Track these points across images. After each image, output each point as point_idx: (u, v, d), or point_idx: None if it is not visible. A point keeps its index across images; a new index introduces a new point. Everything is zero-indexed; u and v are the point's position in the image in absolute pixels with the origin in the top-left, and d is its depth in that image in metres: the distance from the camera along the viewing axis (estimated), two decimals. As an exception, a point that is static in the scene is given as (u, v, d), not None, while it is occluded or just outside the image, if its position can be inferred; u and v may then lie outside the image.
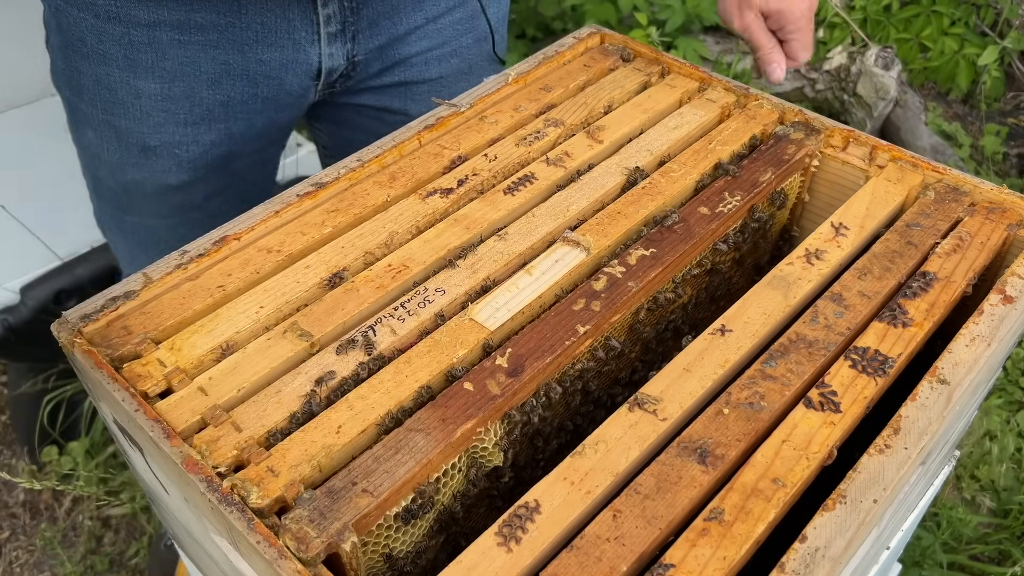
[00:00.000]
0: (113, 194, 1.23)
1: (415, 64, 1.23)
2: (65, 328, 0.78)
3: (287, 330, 0.79)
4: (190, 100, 1.11)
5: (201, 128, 1.14)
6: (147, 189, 1.19)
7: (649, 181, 0.94)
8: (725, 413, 0.71)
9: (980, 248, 0.87)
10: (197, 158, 1.17)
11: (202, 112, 1.13)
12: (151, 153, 1.15)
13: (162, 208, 1.23)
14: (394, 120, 1.27)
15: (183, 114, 1.12)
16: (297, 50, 1.11)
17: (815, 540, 0.63)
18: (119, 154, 1.16)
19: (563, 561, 0.62)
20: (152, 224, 1.26)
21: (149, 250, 1.28)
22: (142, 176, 1.18)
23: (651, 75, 1.11)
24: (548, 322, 0.79)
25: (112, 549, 1.90)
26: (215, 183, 1.22)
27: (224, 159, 1.19)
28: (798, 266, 0.86)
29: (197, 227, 1.25)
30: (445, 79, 1.27)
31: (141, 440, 0.74)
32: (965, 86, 2.90)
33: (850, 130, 0.99)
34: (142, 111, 1.11)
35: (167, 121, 1.12)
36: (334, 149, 1.40)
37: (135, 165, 1.17)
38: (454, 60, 1.26)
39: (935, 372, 0.75)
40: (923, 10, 2.87)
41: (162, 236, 1.27)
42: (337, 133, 1.36)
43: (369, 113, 1.28)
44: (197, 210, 1.24)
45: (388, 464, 0.67)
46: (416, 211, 0.91)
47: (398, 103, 1.26)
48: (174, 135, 1.13)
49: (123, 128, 1.13)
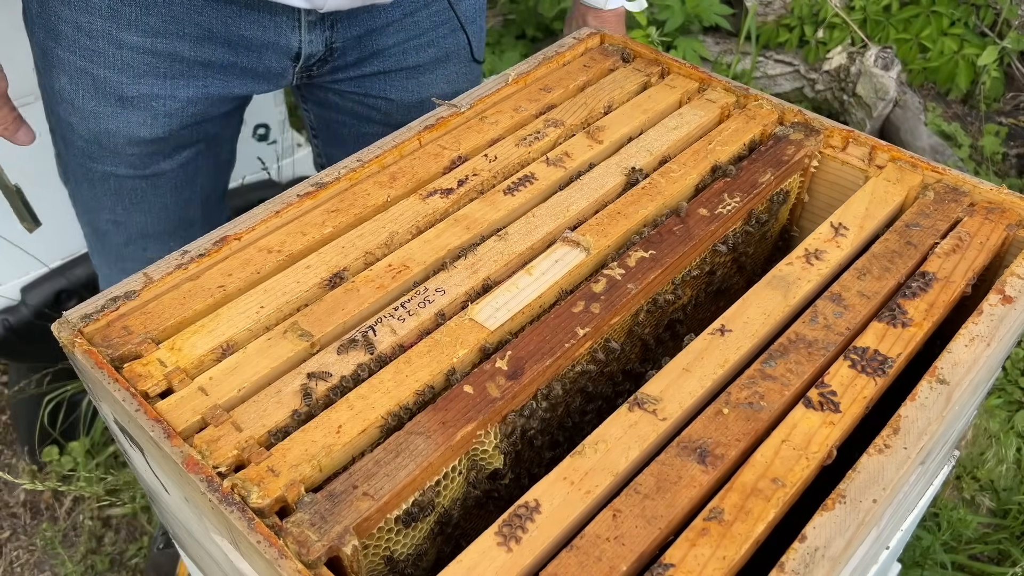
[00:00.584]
0: (84, 142, 1.23)
1: (392, 54, 1.26)
2: (66, 328, 0.78)
3: (287, 330, 0.79)
4: (171, 56, 1.12)
5: (180, 83, 1.15)
6: (119, 139, 1.20)
7: (649, 181, 0.94)
8: (725, 413, 0.72)
9: (979, 248, 0.87)
10: (172, 112, 1.18)
11: (183, 68, 1.14)
12: (127, 103, 1.16)
13: (132, 159, 1.23)
14: (376, 103, 1.32)
15: (163, 68, 1.13)
16: (278, 33, 1.14)
17: (815, 540, 0.63)
18: (94, 102, 1.17)
19: (563, 561, 0.62)
20: (121, 174, 1.26)
21: (117, 200, 1.29)
22: (115, 126, 1.19)
23: (651, 75, 1.11)
24: (548, 324, 0.79)
25: (112, 549, 1.90)
26: (185, 138, 1.24)
27: (197, 117, 1.21)
28: (797, 266, 0.86)
29: (163, 179, 1.26)
30: (423, 67, 1.30)
31: (141, 440, 0.74)
32: (964, 86, 2.90)
33: (849, 130, 1.00)
34: (123, 61, 1.12)
35: (147, 73, 1.13)
36: (321, 131, 1.44)
37: (110, 115, 1.17)
38: (431, 49, 1.29)
39: (934, 372, 0.75)
40: (923, 10, 2.87)
41: (130, 187, 1.28)
42: (323, 115, 1.39)
43: (352, 97, 1.32)
44: (166, 160, 1.26)
45: (389, 467, 0.67)
46: (416, 211, 0.91)
47: (377, 89, 1.30)
48: (153, 87, 1.15)
49: (100, 76, 1.14)
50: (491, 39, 3.01)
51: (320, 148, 1.48)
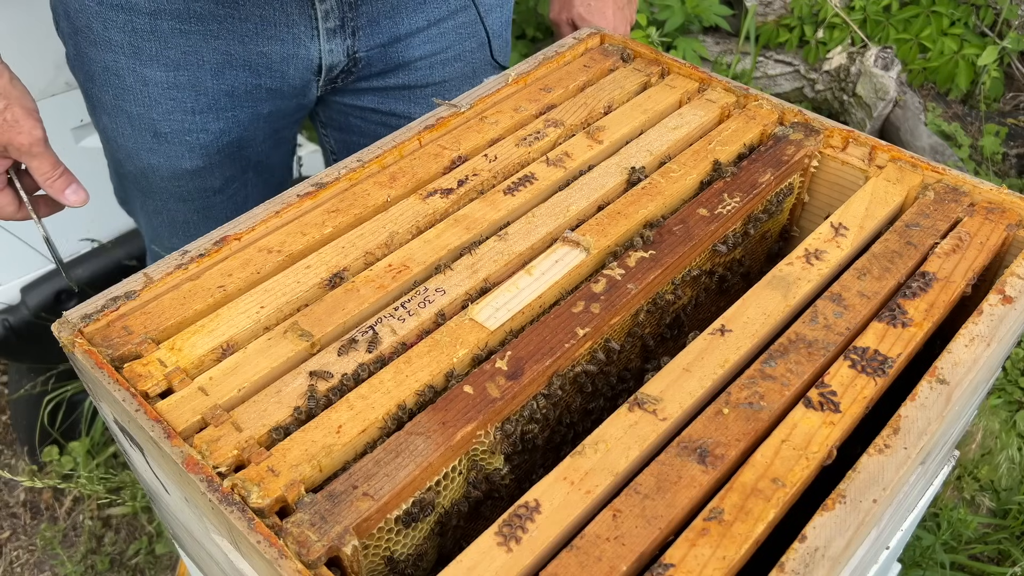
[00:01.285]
0: (134, 177, 1.25)
1: (419, 68, 1.23)
2: (66, 328, 0.78)
3: (288, 330, 0.79)
4: (195, 89, 1.12)
5: (209, 116, 1.16)
6: (164, 173, 1.21)
7: (649, 181, 0.94)
8: (725, 413, 0.72)
9: (979, 248, 0.87)
10: (208, 144, 1.18)
11: (208, 101, 1.14)
12: (163, 139, 1.17)
13: (181, 192, 1.24)
14: (399, 124, 1.27)
15: (190, 103, 1.13)
16: (297, 44, 1.12)
17: (815, 540, 0.63)
18: (133, 139, 1.18)
19: (563, 561, 0.62)
20: (173, 208, 1.27)
21: (174, 231, 1.31)
22: (157, 161, 1.20)
23: (651, 75, 1.11)
24: (547, 325, 0.79)
25: (112, 549, 1.90)
26: (231, 168, 1.24)
27: (235, 145, 1.21)
28: (797, 266, 0.86)
29: (219, 211, 1.27)
30: (449, 83, 1.27)
31: (142, 440, 0.74)
32: (964, 86, 2.91)
33: (849, 130, 1.00)
34: (150, 98, 1.13)
35: (175, 109, 1.14)
36: (342, 155, 1.41)
37: (149, 150, 1.19)
38: (457, 64, 1.27)
39: (934, 372, 0.75)
40: (923, 10, 2.87)
41: (184, 220, 1.29)
42: (344, 140, 1.36)
43: (374, 118, 1.29)
44: (218, 194, 1.26)
45: (388, 468, 0.67)
46: (416, 211, 0.91)
47: (402, 107, 1.27)
48: (183, 123, 1.15)
49: (135, 114, 1.15)
50: (491, 39, 3.00)
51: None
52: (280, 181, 1.38)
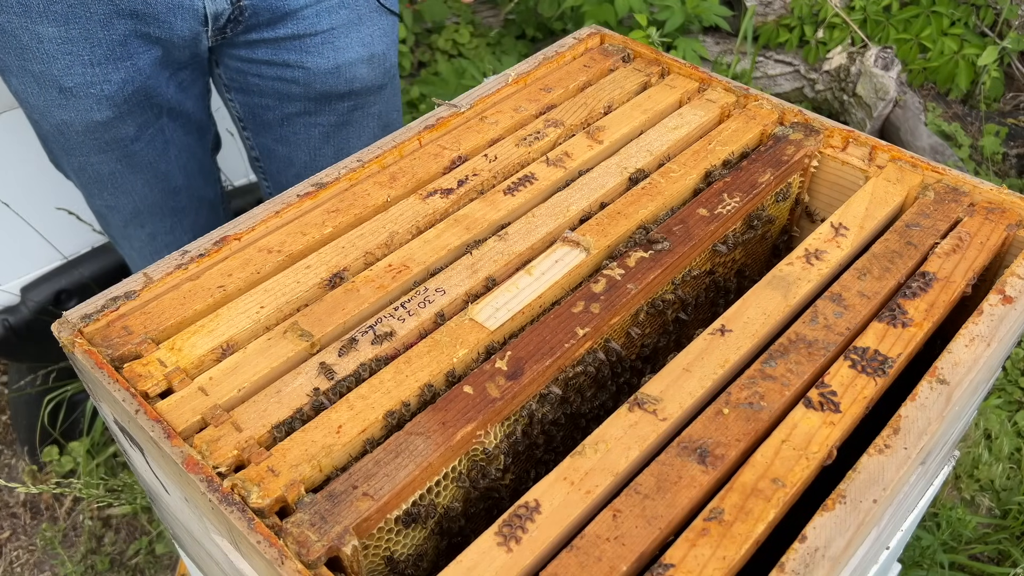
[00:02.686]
0: (53, 136, 1.26)
1: (306, 16, 1.26)
2: (66, 328, 0.78)
3: (287, 330, 0.79)
4: (88, 41, 1.13)
5: (108, 67, 1.17)
6: (77, 127, 1.23)
7: (649, 181, 0.94)
8: (725, 413, 0.71)
9: (979, 248, 0.87)
10: (114, 94, 1.20)
11: (104, 52, 1.15)
12: (69, 94, 1.18)
13: (99, 143, 1.26)
14: (294, 76, 1.32)
15: (86, 55, 1.15)
16: None
17: (815, 540, 0.63)
18: (42, 97, 1.19)
19: (563, 561, 0.62)
20: (96, 162, 1.29)
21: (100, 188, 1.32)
22: (69, 116, 1.21)
23: (651, 75, 1.11)
24: (547, 324, 0.79)
25: (112, 549, 1.90)
26: (142, 115, 1.26)
27: (142, 93, 1.23)
28: (798, 266, 0.86)
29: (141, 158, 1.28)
30: (337, 30, 1.30)
31: (142, 440, 0.74)
32: (965, 86, 2.90)
33: (849, 130, 1.00)
34: (47, 54, 1.14)
35: (74, 63, 1.15)
36: (248, 120, 1.44)
37: (59, 106, 1.20)
38: (343, 11, 1.29)
39: (934, 372, 0.75)
40: (923, 10, 2.87)
41: (109, 171, 1.30)
42: (247, 101, 1.40)
43: (270, 72, 1.32)
44: (136, 142, 1.28)
45: (388, 468, 0.67)
46: (416, 211, 0.91)
47: (295, 57, 1.30)
48: (84, 76, 1.16)
49: (37, 72, 1.16)
50: (491, 39, 3.01)
51: (252, 140, 1.48)
52: (200, 124, 1.40)
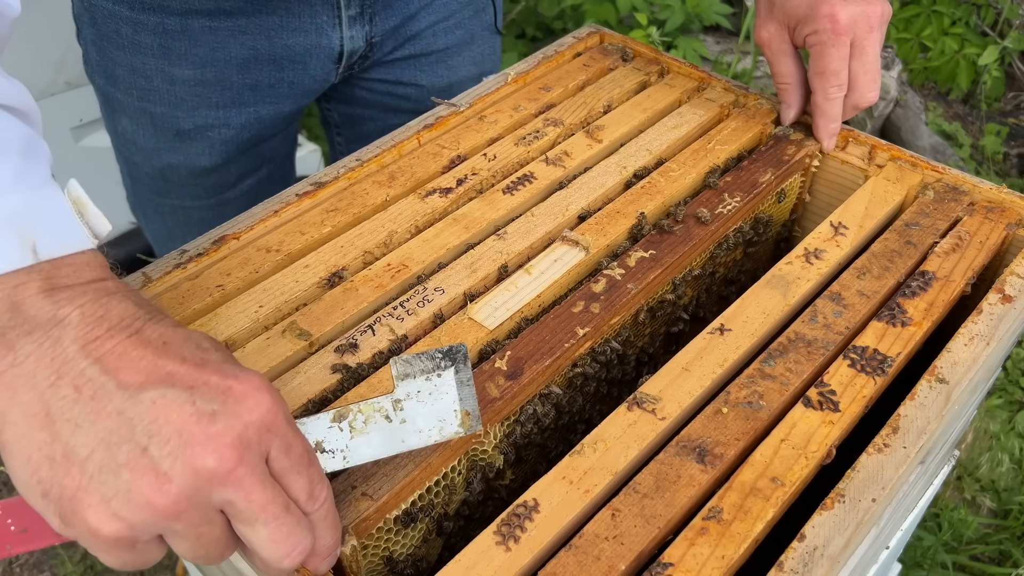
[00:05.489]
0: (150, 179, 1.28)
1: (424, 37, 1.28)
2: (64, 328, 0.78)
3: (286, 330, 0.79)
4: (221, 84, 1.16)
5: (232, 111, 1.19)
6: (182, 172, 1.25)
7: (648, 180, 0.94)
8: (724, 412, 0.71)
9: (979, 247, 0.87)
10: (228, 140, 1.22)
11: (232, 96, 1.17)
12: (185, 136, 1.20)
13: (197, 190, 1.28)
14: (405, 92, 1.32)
15: (215, 98, 1.17)
16: (320, 35, 1.16)
17: (814, 539, 0.63)
18: (155, 139, 1.21)
19: (562, 560, 0.62)
20: (189, 206, 1.31)
21: (188, 230, 1.34)
22: (177, 160, 1.23)
23: (650, 75, 1.11)
24: (547, 324, 0.79)
25: (112, 549, 1.90)
26: (245, 164, 1.28)
27: (253, 141, 1.25)
28: (797, 265, 0.86)
29: (232, 208, 1.29)
30: (450, 49, 1.31)
31: (140, 440, 0.74)
32: (965, 86, 2.90)
33: (850, 130, 0.99)
34: (176, 96, 1.16)
35: (200, 105, 1.17)
36: (345, 128, 1.44)
37: (170, 149, 1.22)
38: (458, 31, 1.31)
39: (934, 371, 0.75)
40: (923, 10, 2.87)
41: (199, 217, 1.32)
42: (348, 112, 1.40)
43: (380, 88, 1.33)
44: (230, 189, 1.30)
45: (387, 468, 0.67)
46: (415, 210, 0.91)
47: (408, 75, 1.31)
48: (207, 118, 1.18)
49: (158, 114, 1.18)
50: (491, 39, 3.00)
51: (343, 146, 1.48)
52: (285, 176, 1.42)
